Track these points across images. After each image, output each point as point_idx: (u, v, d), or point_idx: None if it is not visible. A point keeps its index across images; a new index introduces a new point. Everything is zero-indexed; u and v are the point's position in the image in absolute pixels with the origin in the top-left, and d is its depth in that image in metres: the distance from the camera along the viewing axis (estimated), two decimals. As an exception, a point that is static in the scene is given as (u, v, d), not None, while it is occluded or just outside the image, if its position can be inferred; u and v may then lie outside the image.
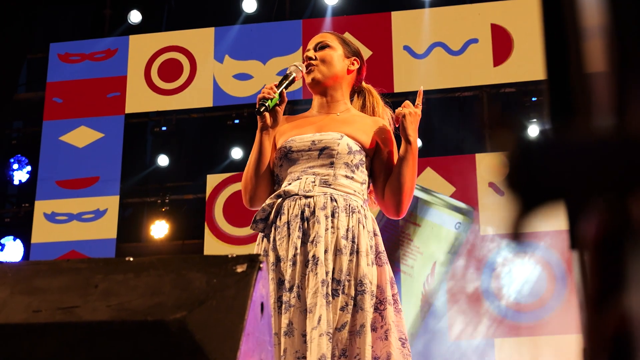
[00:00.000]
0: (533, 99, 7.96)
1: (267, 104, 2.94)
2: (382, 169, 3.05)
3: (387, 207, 3.03)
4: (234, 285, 1.43)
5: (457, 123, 8.52)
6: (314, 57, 3.12)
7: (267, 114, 2.97)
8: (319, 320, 2.68)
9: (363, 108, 3.22)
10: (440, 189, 7.44)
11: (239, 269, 1.46)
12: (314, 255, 2.78)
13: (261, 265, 1.47)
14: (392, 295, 2.86)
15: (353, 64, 3.19)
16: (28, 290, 1.47)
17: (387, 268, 2.89)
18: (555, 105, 0.70)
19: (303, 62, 3.15)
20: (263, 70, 8.10)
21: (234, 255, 1.48)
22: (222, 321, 1.38)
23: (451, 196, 7.40)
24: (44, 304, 1.43)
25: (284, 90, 3.00)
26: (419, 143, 8.08)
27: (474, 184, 7.38)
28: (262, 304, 1.47)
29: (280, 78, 3.05)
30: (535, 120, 7.95)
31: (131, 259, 1.52)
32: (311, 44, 3.20)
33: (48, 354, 1.38)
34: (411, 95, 8.80)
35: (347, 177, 2.95)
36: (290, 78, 3.03)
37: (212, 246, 7.74)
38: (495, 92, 8.17)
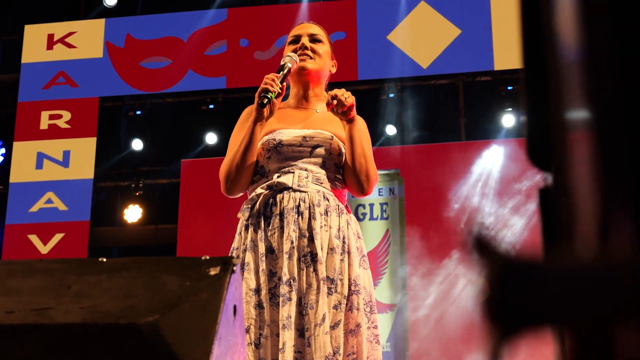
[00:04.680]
0: (509, 87, 7.98)
1: (269, 96, 2.90)
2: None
3: (352, 188, 2.97)
4: (206, 289, 1.44)
5: (432, 111, 8.54)
6: (309, 48, 3.09)
7: (267, 106, 2.92)
8: (323, 318, 2.71)
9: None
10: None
11: (212, 272, 1.47)
12: (312, 252, 2.79)
13: (234, 268, 1.48)
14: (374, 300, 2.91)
15: (334, 66, 3.20)
16: (2, 291, 1.47)
17: (369, 272, 2.92)
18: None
19: (288, 45, 3.13)
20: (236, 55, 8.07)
21: (207, 258, 1.49)
22: (194, 325, 1.38)
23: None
24: (17, 305, 1.43)
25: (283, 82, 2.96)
26: (394, 130, 8.11)
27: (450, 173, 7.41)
28: (234, 307, 1.49)
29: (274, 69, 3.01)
30: (510, 109, 7.98)
31: (104, 259, 1.52)
32: (304, 32, 3.14)
33: (21, 356, 1.38)
34: (377, 83, 8.67)
35: (335, 177, 2.96)
36: (287, 69, 2.98)
37: (186, 231, 7.72)
38: (471, 81, 8.19)
